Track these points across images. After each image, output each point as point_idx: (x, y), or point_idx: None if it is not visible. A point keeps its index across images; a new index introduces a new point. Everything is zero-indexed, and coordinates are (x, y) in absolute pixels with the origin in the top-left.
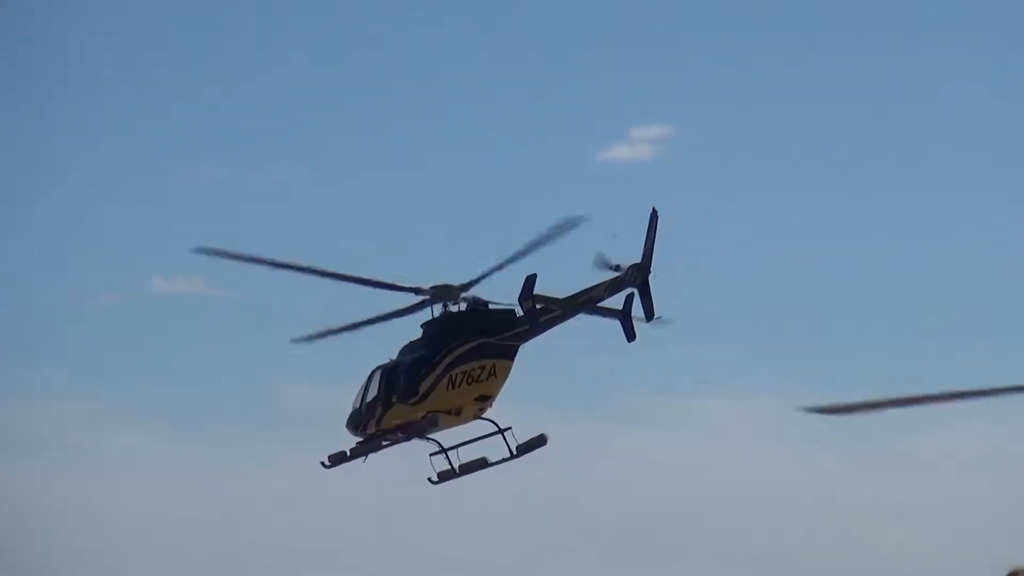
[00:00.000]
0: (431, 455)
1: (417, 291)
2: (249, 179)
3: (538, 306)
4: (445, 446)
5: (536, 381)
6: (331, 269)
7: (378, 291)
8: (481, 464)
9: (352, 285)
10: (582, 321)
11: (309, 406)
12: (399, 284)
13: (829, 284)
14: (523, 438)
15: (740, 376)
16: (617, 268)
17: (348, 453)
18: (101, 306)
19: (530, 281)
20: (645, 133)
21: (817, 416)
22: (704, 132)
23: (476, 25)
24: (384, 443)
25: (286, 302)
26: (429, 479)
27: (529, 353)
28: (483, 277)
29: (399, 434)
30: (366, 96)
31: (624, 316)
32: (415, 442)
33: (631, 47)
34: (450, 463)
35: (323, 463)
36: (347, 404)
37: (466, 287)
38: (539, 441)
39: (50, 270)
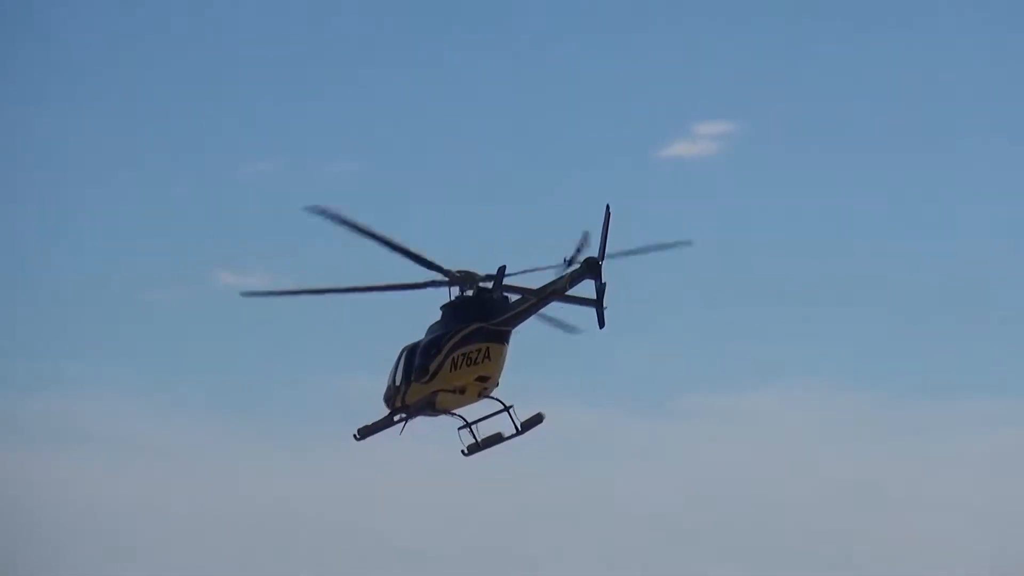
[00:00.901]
0: (459, 429)
1: (441, 270)
2: (307, 174)
3: (510, 296)
4: (466, 423)
5: (599, 380)
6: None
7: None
8: (497, 439)
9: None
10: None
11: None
12: (431, 260)
13: (889, 280)
14: (525, 416)
15: (808, 372)
16: (570, 262)
17: (371, 427)
18: (168, 301)
19: (500, 272)
20: (708, 129)
21: None
22: (768, 128)
23: (539, 21)
24: (396, 418)
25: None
26: (462, 451)
27: (589, 352)
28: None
29: (414, 410)
30: (425, 93)
31: (598, 305)
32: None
33: (694, 43)
34: (474, 437)
35: (354, 435)
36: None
37: (486, 278)
38: (537, 419)
39: (115, 266)
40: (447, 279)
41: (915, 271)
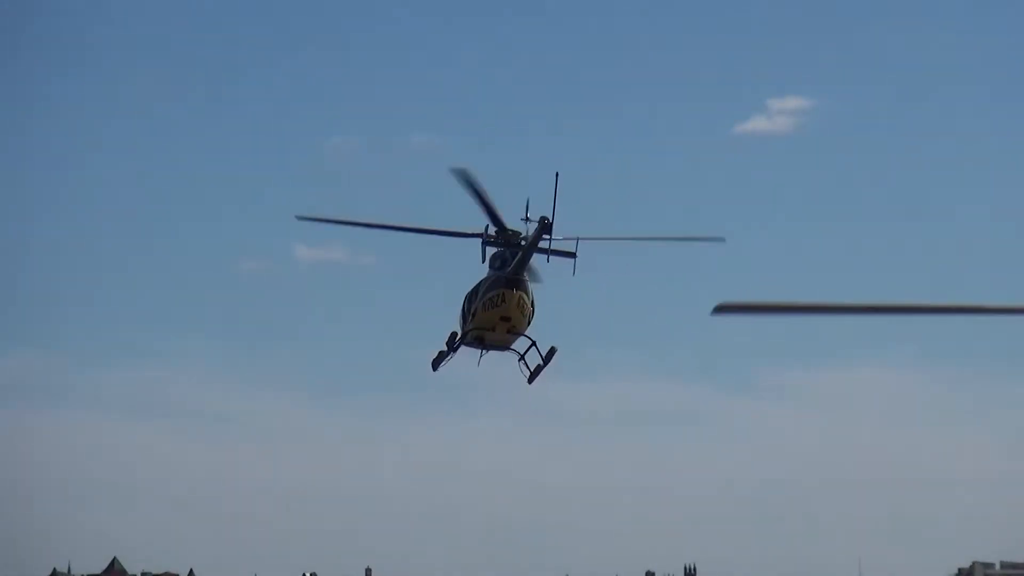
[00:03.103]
0: (518, 362)
1: (504, 229)
2: (388, 147)
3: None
4: (520, 356)
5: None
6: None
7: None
8: (539, 369)
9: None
10: None
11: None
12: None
13: (969, 256)
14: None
15: (882, 349)
16: (528, 220)
17: (438, 358)
18: (244, 273)
19: (487, 234)
20: (783, 105)
21: (726, 314)
22: (843, 105)
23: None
24: (450, 351)
25: (422, 267)
26: (527, 380)
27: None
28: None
29: (475, 344)
30: (503, 67)
31: (573, 256)
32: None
33: (771, 19)
34: (528, 368)
35: (432, 367)
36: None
37: (524, 237)
38: (552, 352)
39: (197, 240)
40: (492, 235)
41: (995, 248)
